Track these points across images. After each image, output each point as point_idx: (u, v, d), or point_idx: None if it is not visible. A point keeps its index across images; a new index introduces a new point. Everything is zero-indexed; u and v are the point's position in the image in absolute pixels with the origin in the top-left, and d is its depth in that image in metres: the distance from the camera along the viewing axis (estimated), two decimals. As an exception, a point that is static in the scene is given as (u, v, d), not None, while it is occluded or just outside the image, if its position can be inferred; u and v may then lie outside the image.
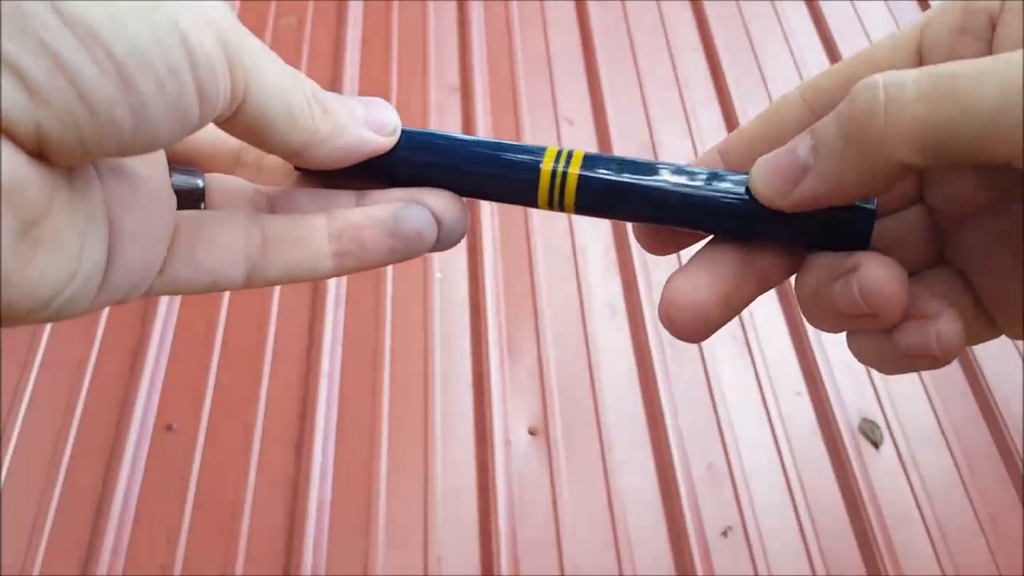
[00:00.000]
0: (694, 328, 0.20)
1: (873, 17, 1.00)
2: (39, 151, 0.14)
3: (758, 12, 1.00)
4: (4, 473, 0.62)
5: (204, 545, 0.60)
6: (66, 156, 0.14)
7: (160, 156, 0.19)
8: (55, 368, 0.67)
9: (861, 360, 0.20)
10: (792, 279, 0.21)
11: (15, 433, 0.64)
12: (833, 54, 0.96)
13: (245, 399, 0.66)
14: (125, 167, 0.17)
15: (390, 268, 0.75)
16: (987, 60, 0.15)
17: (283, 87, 0.17)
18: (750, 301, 0.20)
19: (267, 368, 0.68)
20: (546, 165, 0.20)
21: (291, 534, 0.60)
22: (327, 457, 0.64)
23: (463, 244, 0.77)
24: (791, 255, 0.20)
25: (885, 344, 0.19)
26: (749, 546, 0.62)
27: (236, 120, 0.17)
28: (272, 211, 0.21)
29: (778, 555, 0.62)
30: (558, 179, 0.20)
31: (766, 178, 0.19)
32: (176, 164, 0.20)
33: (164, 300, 0.71)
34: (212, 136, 0.21)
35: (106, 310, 0.71)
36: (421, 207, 0.21)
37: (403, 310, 0.72)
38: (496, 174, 0.21)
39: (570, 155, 0.20)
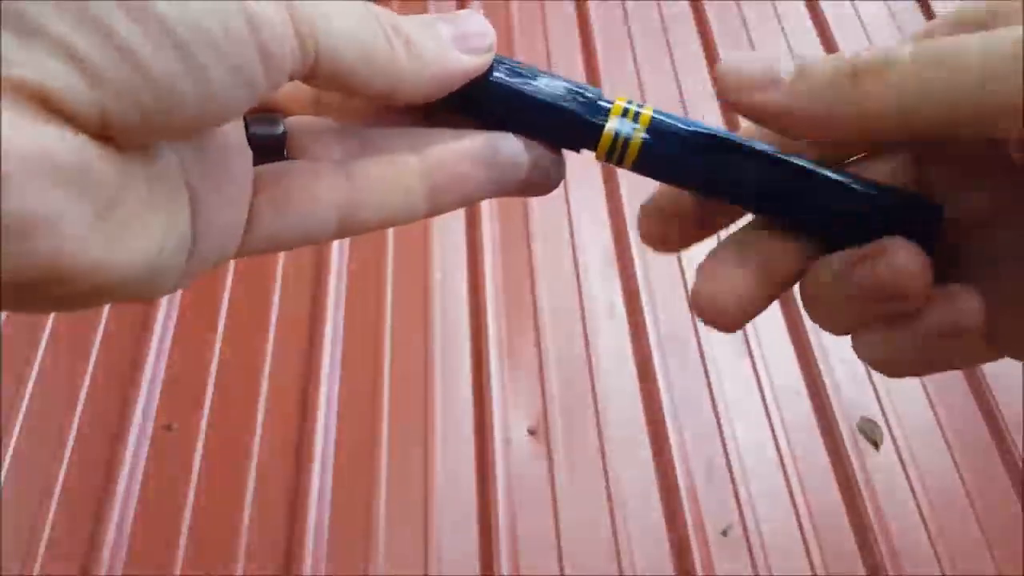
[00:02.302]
0: (735, 324, 0.20)
1: (873, 17, 1.00)
2: (104, 133, 0.14)
3: (758, 12, 1.00)
4: (4, 473, 0.62)
5: (204, 545, 0.60)
6: (133, 136, 0.14)
7: None
8: (55, 368, 0.67)
9: (872, 357, 0.20)
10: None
11: (15, 433, 0.64)
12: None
13: (245, 399, 0.66)
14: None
15: (389, 268, 0.75)
16: (978, 33, 0.16)
17: (357, 31, 0.16)
18: (774, 299, 0.20)
19: (267, 368, 0.68)
20: (611, 123, 0.20)
21: (291, 534, 0.60)
22: (327, 457, 0.64)
23: (463, 244, 0.77)
24: (805, 252, 0.20)
25: (903, 335, 0.18)
26: (749, 546, 0.62)
27: (314, 75, 0.16)
28: (361, 152, 0.20)
29: (778, 555, 0.62)
30: (620, 140, 0.20)
31: (738, 67, 0.18)
32: (252, 112, 0.19)
33: (164, 299, 0.71)
34: None
35: (106, 310, 0.71)
36: (512, 136, 0.20)
37: (403, 310, 0.72)
38: (557, 119, 0.20)
39: (637, 114, 0.20)
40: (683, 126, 0.20)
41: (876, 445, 0.67)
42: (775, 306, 0.75)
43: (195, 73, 0.14)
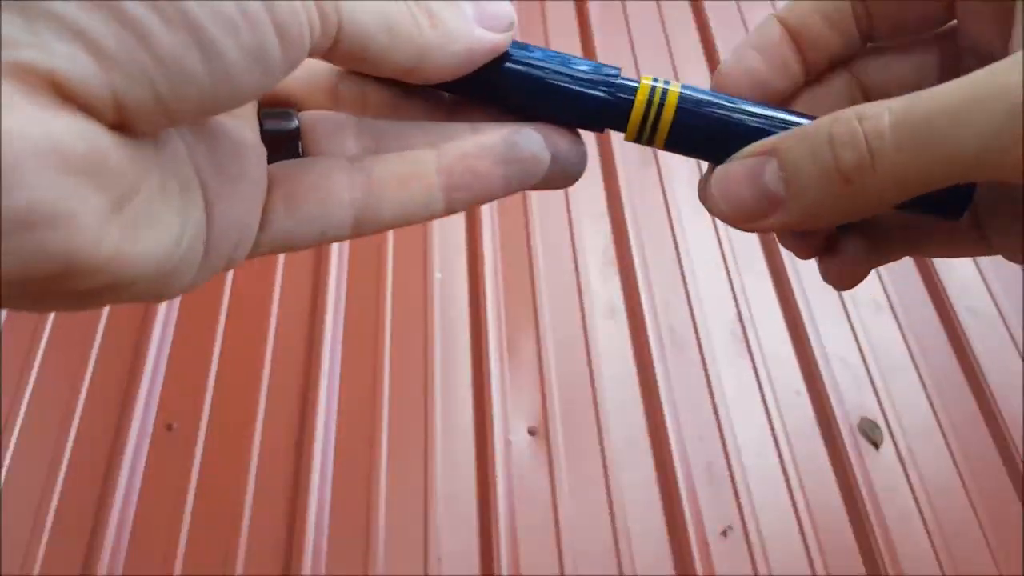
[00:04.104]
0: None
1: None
2: (119, 120, 0.13)
3: (758, 12, 1.00)
4: (4, 473, 0.62)
5: (204, 545, 0.60)
6: (148, 121, 0.14)
7: None
8: (55, 368, 0.67)
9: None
10: None
11: (15, 433, 0.64)
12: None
13: (245, 399, 0.66)
14: (206, 120, 0.16)
15: (389, 268, 0.75)
16: (962, 99, 0.15)
17: (380, 3, 0.16)
18: None
19: (267, 368, 0.68)
20: (639, 101, 0.19)
21: (291, 534, 0.60)
22: (327, 457, 0.64)
23: (463, 244, 0.77)
24: None
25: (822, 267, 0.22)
26: (749, 546, 0.62)
27: (335, 50, 0.16)
28: (378, 147, 0.20)
29: (778, 555, 0.62)
30: (651, 116, 0.19)
31: (732, 200, 0.18)
32: (267, 106, 0.19)
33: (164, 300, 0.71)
34: (304, 72, 0.19)
35: (106, 310, 0.71)
36: (533, 131, 0.19)
37: (403, 310, 0.72)
38: (579, 101, 0.20)
39: (664, 93, 0.20)
40: (712, 99, 0.20)
41: (876, 445, 0.67)
42: (775, 306, 0.75)
43: (208, 53, 0.13)
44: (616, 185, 0.82)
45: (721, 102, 0.20)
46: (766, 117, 0.20)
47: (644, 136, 0.20)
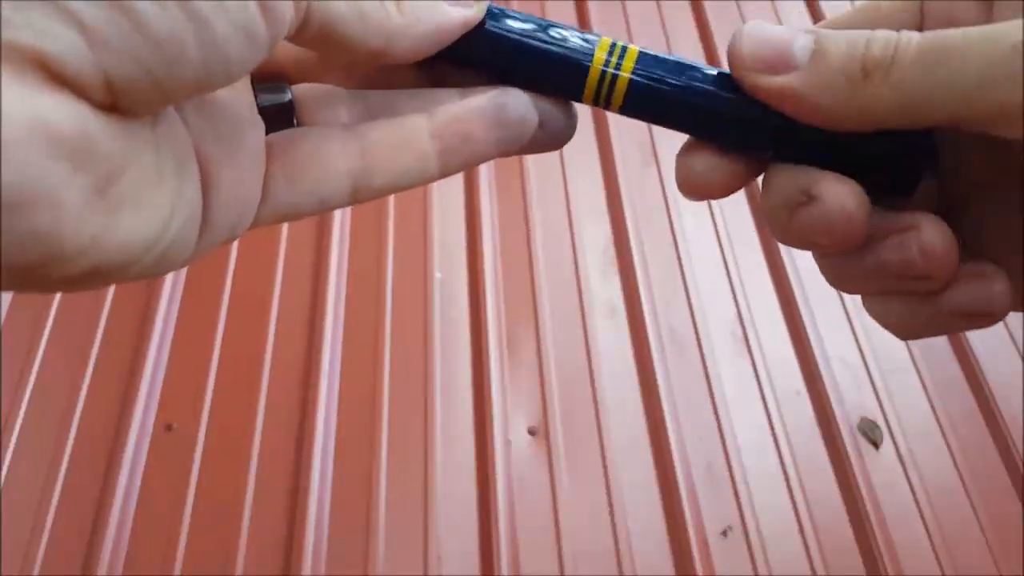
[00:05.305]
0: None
1: (873, 17, 1.00)
2: (111, 101, 0.13)
3: (758, 12, 1.00)
4: (4, 473, 0.62)
5: (204, 545, 0.60)
6: (141, 101, 0.14)
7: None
8: (55, 368, 0.67)
9: (886, 321, 0.20)
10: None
11: (15, 433, 0.64)
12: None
13: (245, 399, 0.66)
14: (203, 97, 0.17)
15: (389, 268, 0.75)
16: (979, 29, 0.16)
17: None
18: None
19: (267, 368, 0.68)
20: (596, 62, 0.19)
21: (291, 534, 0.60)
22: (327, 457, 0.64)
23: (463, 244, 0.77)
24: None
25: (923, 308, 0.19)
26: (749, 546, 0.62)
27: (304, 32, 0.16)
28: (370, 116, 0.20)
29: (778, 555, 0.62)
30: (607, 79, 0.19)
31: (755, 43, 0.18)
32: (259, 81, 0.19)
33: (164, 299, 0.71)
34: (292, 46, 0.20)
35: (106, 310, 0.71)
36: (519, 92, 0.19)
37: (403, 310, 0.72)
38: (557, 69, 0.19)
39: (623, 52, 0.19)
40: (671, 59, 0.19)
41: (876, 445, 0.67)
42: (774, 305, 0.75)
43: (199, 30, 0.13)
44: (616, 185, 0.82)
45: (679, 60, 0.19)
46: (715, 75, 0.19)
47: (603, 91, 0.19)
